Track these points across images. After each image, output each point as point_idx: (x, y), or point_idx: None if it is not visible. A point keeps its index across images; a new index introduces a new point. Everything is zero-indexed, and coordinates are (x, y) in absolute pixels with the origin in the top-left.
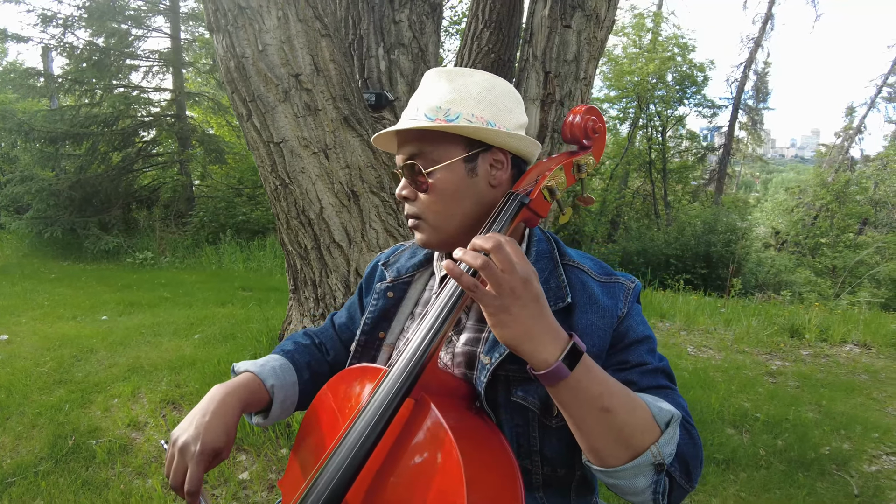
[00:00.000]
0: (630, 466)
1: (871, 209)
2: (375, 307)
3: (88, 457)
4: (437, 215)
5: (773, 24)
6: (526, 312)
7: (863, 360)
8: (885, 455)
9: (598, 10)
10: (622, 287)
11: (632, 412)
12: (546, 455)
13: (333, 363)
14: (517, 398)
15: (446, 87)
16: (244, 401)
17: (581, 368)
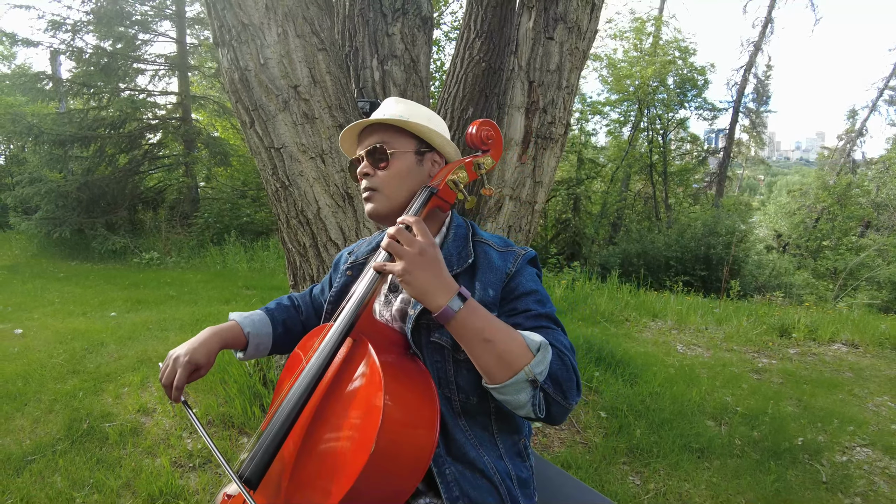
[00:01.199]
0: (511, 383)
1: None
2: (339, 283)
3: (102, 438)
4: (390, 188)
5: (772, 28)
6: (423, 274)
7: (849, 358)
8: (859, 447)
9: (579, 23)
10: (513, 254)
11: (509, 342)
12: (459, 384)
13: (306, 321)
14: (434, 339)
15: (403, 107)
16: (224, 340)
17: (465, 310)
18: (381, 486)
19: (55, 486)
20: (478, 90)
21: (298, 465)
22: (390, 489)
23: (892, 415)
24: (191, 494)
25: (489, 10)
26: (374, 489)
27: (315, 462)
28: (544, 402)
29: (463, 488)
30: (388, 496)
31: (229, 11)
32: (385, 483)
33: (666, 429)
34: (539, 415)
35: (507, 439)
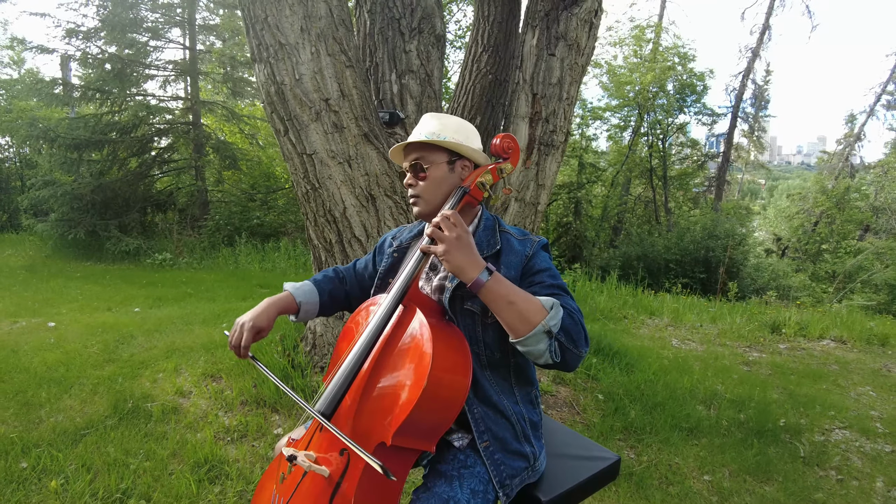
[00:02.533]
0: (531, 335)
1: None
2: (386, 263)
3: (146, 415)
4: (428, 193)
5: (770, 35)
6: (458, 254)
7: (836, 353)
8: (837, 429)
9: (578, 41)
10: (530, 241)
11: (528, 303)
12: (486, 342)
13: (350, 290)
14: (467, 307)
15: (437, 123)
16: (280, 307)
17: (492, 280)
18: (428, 418)
19: (110, 455)
20: (485, 101)
21: (363, 402)
22: (434, 421)
23: (871, 402)
24: (232, 462)
25: (495, 25)
26: (424, 420)
27: (377, 399)
28: (559, 350)
29: (487, 425)
30: (433, 427)
31: (267, 32)
32: (432, 415)
33: (659, 411)
34: (556, 359)
35: (522, 389)
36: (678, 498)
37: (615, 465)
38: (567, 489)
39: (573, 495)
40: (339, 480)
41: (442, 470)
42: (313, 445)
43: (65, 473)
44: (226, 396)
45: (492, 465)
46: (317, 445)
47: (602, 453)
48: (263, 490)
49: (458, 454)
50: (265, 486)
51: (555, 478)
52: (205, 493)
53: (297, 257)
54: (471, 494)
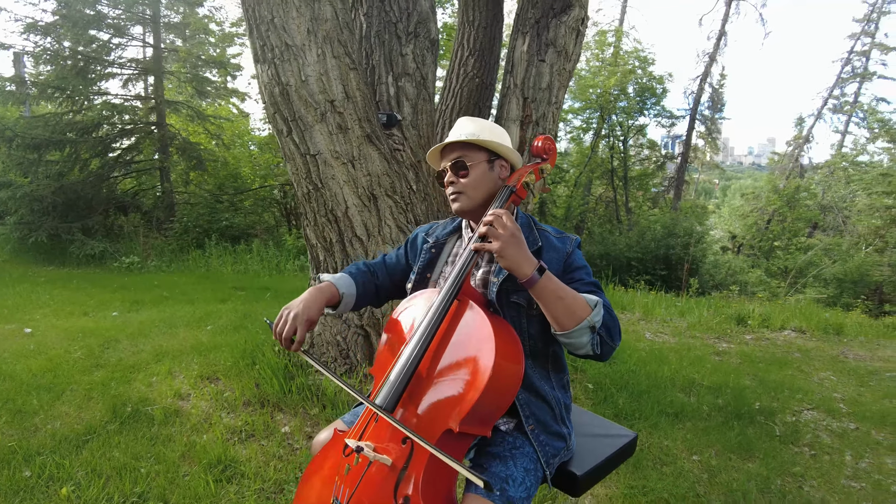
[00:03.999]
0: (577, 329)
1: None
2: (424, 259)
3: (148, 419)
4: (471, 190)
5: (726, 41)
6: (513, 251)
7: (797, 342)
8: (806, 410)
9: (566, 47)
10: (568, 239)
11: (575, 299)
12: (531, 332)
13: (380, 284)
14: (513, 299)
15: (474, 125)
16: (326, 298)
17: (545, 277)
18: (491, 404)
19: (117, 460)
20: (472, 103)
21: (426, 393)
22: (495, 407)
23: (833, 385)
24: (245, 461)
25: (480, 30)
26: (487, 406)
27: (440, 389)
28: (599, 343)
29: (531, 409)
30: (493, 412)
31: (273, 33)
32: (494, 401)
33: (644, 398)
34: (596, 352)
35: (557, 375)
36: (672, 476)
37: (633, 441)
38: (597, 464)
39: (602, 469)
40: (404, 467)
41: (494, 452)
42: (370, 436)
43: (74, 480)
44: (227, 398)
45: (539, 446)
46: (374, 436)
47: (621, 431)
48: (310, 486)
49: (506, 437)
50: (311, 482)
51: (584, 455)
52: (223, 492)
53: (269, 259)
54: (524, 472)
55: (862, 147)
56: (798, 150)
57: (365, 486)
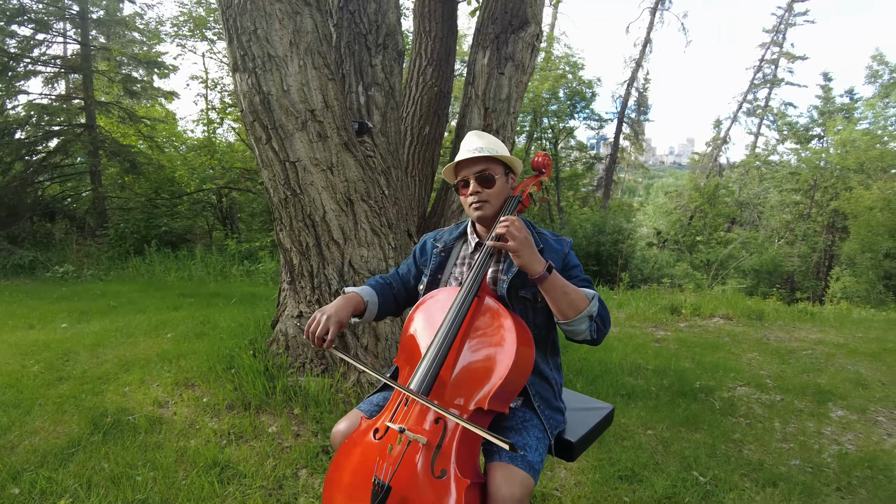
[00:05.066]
0: (578, 318)
1: (737, 209)
2: (435, 262)
3: (133, 428)
4: (494, 199)
5: (651, 48)
6: (527, 251)
7: (726, 327)
8: (739, 386)
9: (524, 61)
10: (564, 241)
11: (577, 293)
12: (536, 322)
13: (397, 294)
14: (522, 294)
15: (483, 140)
16: (354, 306)
17: (553, 275)
18: (513, 384)
19: (110, 470)
20: (432, 111)
21: (456, 377)
22: (516, 386)
23: (760, 364)
24: (240, 462)
25: (437, 41)
26: (510, 386)
27: (469, 373)
28: (596, 330)
29: (536, 389)
30: (513, 391)
31: (255, 44)
32: (515, 381)
33: (599, 382)
34: (593, 336)
35: (553, 359)
36: (632, 449)
37: (611, 412)
38: (586, 432)
39: (590, 437)
40: (439, 444)
41: (509, 426)
42: (402, 419)
43: (70, 492)
44: (207, 403)
45: (545, 419)
46: (406, 418)
47: (599, 405)
48: (342, 471)
49: (516, 412)
50: (342, 467)
51: (574, 425)
52: (226, 493)
53: (213, 265)
54: (537, 441)
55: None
56: (716, 150)
57: (406, 463)
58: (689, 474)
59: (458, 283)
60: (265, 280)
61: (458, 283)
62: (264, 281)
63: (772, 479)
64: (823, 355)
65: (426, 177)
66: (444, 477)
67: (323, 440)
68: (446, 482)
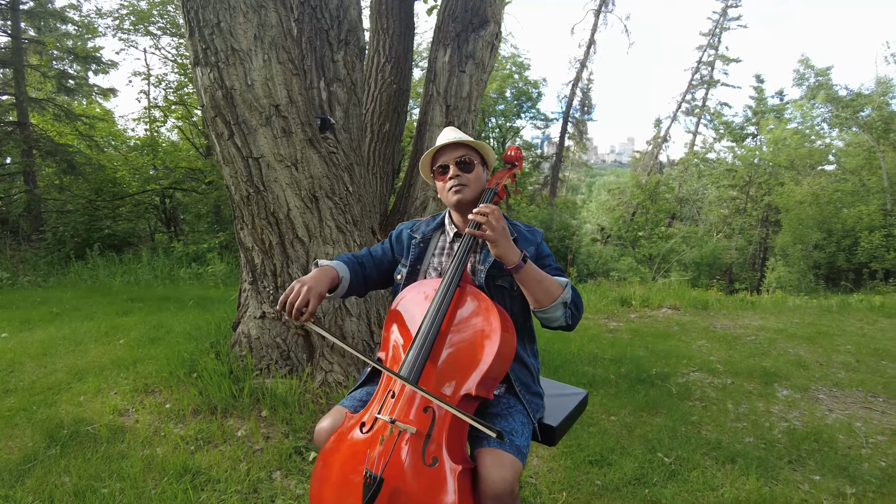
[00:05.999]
0: (553, 306)
1: (677, 205)
2: (413, 252)
3: (93, 438)
4: (473, 184)
5: (595, 49)
6: (504, 242)
7: (674, 317)
8: (692, 372)
9: (483, 60)
10: (536, 231)
11: (551, 282)
12: (514, 310)
13: (367, 276)
14: (499, 283)
15: (460, 134)
16: (330, 277)
17: (528, 265)
18: (498, 369)
19: (72, 483)
20: (391, 108)
21: (443, 365)
22: (500, 372)
23: (709, 350)
24: (212, 467)
25: (395, 38)
26: (495, 371)
27: (455, 360)
28: (571, 316)
29: (517, 374)
30: (497, 377)
31: (218, 37)
32: (500, 367)
33: (561, 372)
34: (568, 322)
35: (531, 346)
36: (599, 435)
37: (586, 398)
38: (565, 417)
39: (568, 421)
40: (429, 432)
41: (494, 412)
42: (390, 411)
43: None
44: (171, 409)
45: (527, 404)
46: (394, 409)
47: (574, 391)
48: (330, 467)
49: (500, 399)
50: (330, 463)
51: (552, 411)
52: (200, 500)
53: (160, 268)
54: (522, 426)
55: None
56: (657, 148)
57: (397, 455)
58: (655, 455)
59: (437, 273)
60: (216, 283)
61: (437, 273)
62: (215, 284)
63: (730, 457)
64: (766, 340)
65: (387, 174)
66: (435, 465)
67: (295, 441)
68: (438, 470)
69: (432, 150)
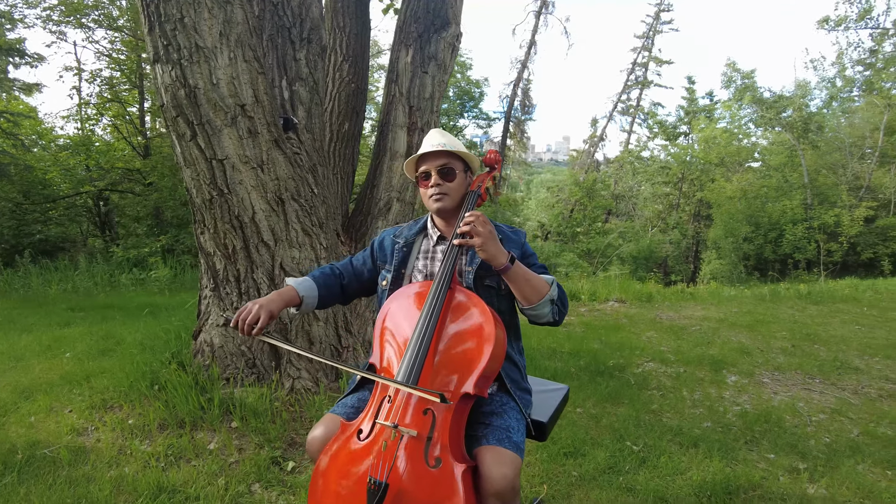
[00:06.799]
0: (540, 303)
1: (613, 202)
2: (398, 257)
3: (52, 462)
4: (454, 192)
5: (536, 50)
6: (492, 245)
7: (622, 310)
8: (646, 362)
9: (445, 61)
10: (520, 232)
11: (538, 280)
12: (501, 309)
13: (346, 285)
14: (487, 283)
15: (445, 138)
16: (286, 299)
17: (515, 265)
18: (492, 367)
19: None
20: (350, 108)
21: (439, 366)
22: (494, 369)
23: (659, 341)
24: (188, 484)
25: (352, 37)
26: (490, 369)
27: (451, 361)
28: (558, 312)
29: (507, 371)
30: (492, 375)
31: (181, 33)
32: (494, 364)
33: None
34: (556, 318)
35: (517, 343)
36: (568, 427)
37: (567, 392)
38: (553, 412)
39: (555, 416)
40: (430, 435)
41: (490, 410)
42: (387, 416)
43: None
44: (134, 425)
45: (519, 400)
46: (392, 414)
47: (556, 386)
48: (328, 477)
49: (494, 397)
50: (328, 473)
51: (539, 406)
52: None
53: (100, 274)
54: (517, 422)
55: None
56: (594, 147)
57: (400, 459)
58: (624, 444)
59: (422, 276)
60: (161, 288)
61: (422, 276)
62: (160, 289)
63: (692, 441)
64: (710, 329)
65: (347, 174)
66: (439, 466)
67: (271, 451)
68: (442, 471)
69: (416, 156)
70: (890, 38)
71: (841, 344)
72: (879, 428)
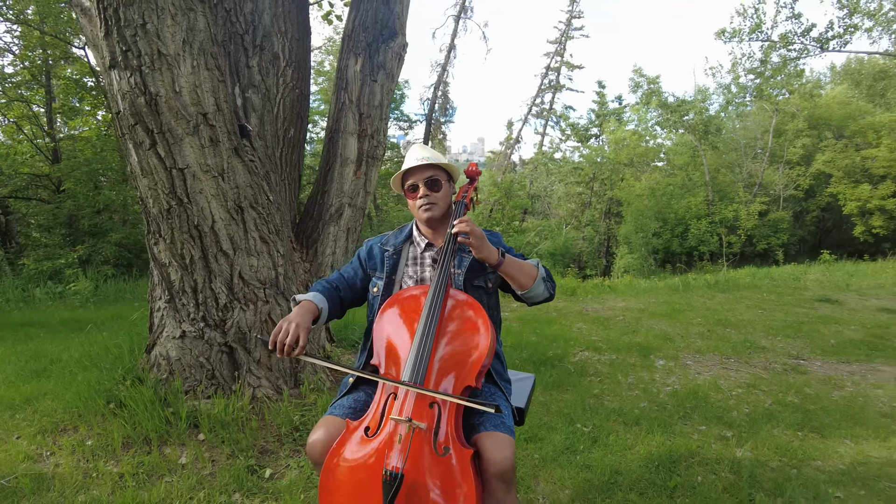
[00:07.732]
0: (535, 284)
1: (529, 201)
2: (388, 265)
3: (13, 493)
4: (441, 202)
5: (455, 54)
6: (485, 245)
7: (550, 304)
8: (581, 351)
9: (392, 70)
10: (496, 233)
11: (527, 265)
12: (490, 305)
13: (344, 297)
14: (476, 283)
15: (428, 151)
16: (313, 312)
17: (507, 258)
18: (488, 360)
19: None
20: (295, 113)
21: (442, 364)
22: (489, 362)
23: (589, 331)
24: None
25: (294, 42)
26: (487, 361)
27: (453, 358)
28: (551, 287)
29: (493, 363)
30: (486, 367)
31: (143, 39)
32: (490, 357)
33: None
34: (551, 293)
35: (498, 338)
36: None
37: (535, 380)
38: (527, 398)
39: (530, 402)
40: (437, 426)
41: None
42: (395, 411)
43: None
44: (95, 445)
45: (504, 389)
46: (399, 410)
47: (524, 375)
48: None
49: (484, 388)
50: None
51: (515, 393)
52: None
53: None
54: (505, 408)
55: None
56: (510, 149)
57: (413, 450)
58: (575, 427)
59: (413, 281)
60: (82, 302)
61: (413, 281)
62: (81, 303)
63: (634, 420)
64: (633, 319)
65: (294, 180)
66: (447, 454)
67: (245, 460)
68: (451, 458)
69: (402, 171)
70: (776, 50)
71: (748, 327)
72: (787, 397)
